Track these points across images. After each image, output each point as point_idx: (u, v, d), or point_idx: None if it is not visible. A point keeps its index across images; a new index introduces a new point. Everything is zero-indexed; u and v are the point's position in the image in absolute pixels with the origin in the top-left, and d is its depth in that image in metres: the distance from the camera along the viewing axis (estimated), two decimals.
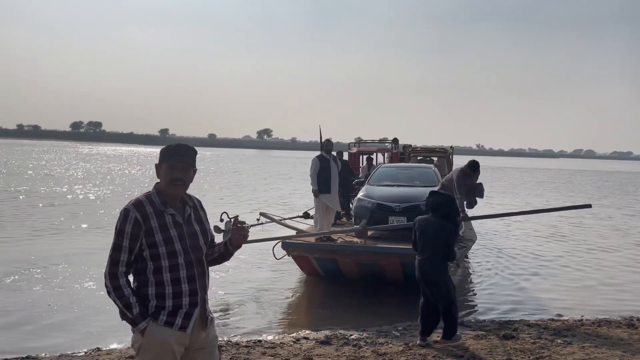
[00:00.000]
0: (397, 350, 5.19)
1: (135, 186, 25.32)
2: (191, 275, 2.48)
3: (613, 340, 5.63)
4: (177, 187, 2.49)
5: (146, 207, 2.45)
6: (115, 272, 2.45)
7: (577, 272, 10.09)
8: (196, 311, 2.49)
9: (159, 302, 2.45)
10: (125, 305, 2.44)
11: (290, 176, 38.10)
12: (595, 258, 11.48)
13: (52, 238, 11.60)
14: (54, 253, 9.99)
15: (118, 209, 2.75)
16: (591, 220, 17.64)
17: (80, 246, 10.82)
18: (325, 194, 8.59)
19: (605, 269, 10.42)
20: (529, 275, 9.57)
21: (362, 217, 8.64)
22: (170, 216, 2.48)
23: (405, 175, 10.11)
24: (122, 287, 2.45)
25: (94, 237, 11.81)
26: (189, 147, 2.56)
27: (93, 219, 14.50)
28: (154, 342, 2.44)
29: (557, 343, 5.45)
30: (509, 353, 5.10)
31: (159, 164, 2.53)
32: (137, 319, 2.43)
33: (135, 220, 2.42)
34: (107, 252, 2.49)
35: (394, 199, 8.63)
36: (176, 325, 2.45)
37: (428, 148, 15.10)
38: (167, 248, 2.44)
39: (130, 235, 2.42)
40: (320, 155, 8.80)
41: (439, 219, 5.25)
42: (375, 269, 7.97)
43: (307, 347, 5.28)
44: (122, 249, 2.44)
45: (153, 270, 2.45)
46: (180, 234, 2.48)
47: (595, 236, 14.58)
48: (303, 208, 13.60)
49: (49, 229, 12.68)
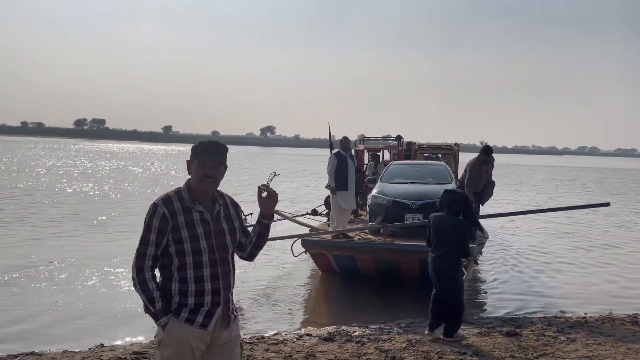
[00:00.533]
0: (400, 347, 5.19)
1: None
2: (214, 273, 2.48)
3: (617, 337, 5.61)
4: (208, 184, 2.49)
5: (174, 203, 2.47)
6: (141, 266, 2.47)
7: (582, 269, 10.09)
8: (218, 310, 2.49)
9: (182, 299, 2.46)
10: (148, 300, 2.45)
11: (296, 172, 38.11)
12: (601, 255, 11.46)
13: (62, 238, 11.63)
14: (63, 251, 10.02)
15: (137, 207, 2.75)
16: (595, 217, 17.56)
17: (90, 246, 10.85)
18: (342, 191, 8.59)
19: (611, 266, 10.40)
20: (534, 272, 9.56)
21: (378, 215, 8.66)
22: (198, 213, 2.48)
23: (417, 172, 10.11)
24: (146, 280, 2.46)
25: (107, 237, 11.84)
26: (220, 144, 2.56)
27: (106, 218, 14.53)
28: (174, 338, 2.46)
29: (561, 340, 5.44)
30: (512, 350, 5.09)
31: (190, 161, 2.53)
32: (159, 313, 2.44)
33: (162, 216, 2.44)
34: (123, 250, 2.52)
35: (409, 196, 8.65)
36: (197, 323, 2.45)
37: (434, 145, 15.06)
38: (192, 245, 2.44)
39: (157, 229, 2.44)
40: (337, 152, 8.80)
41: (454, 216, 5.30)
42: (393, 266, 7.98)
43: (310, 344, 5.29)
44: (149, 242, 2.46)
45: (177, 266, 2.46)
46: (207, 231, 2.48)
47: (600, 233, 14.54)
48: (309, 205, 13.61)
49: (54, 228, 12.71)
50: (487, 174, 8.35)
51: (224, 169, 2.56)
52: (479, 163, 8.29)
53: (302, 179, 31.76)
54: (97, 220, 13.92)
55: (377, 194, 8.97)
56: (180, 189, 2.54)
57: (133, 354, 4.86)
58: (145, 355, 4.86)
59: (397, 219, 8.26)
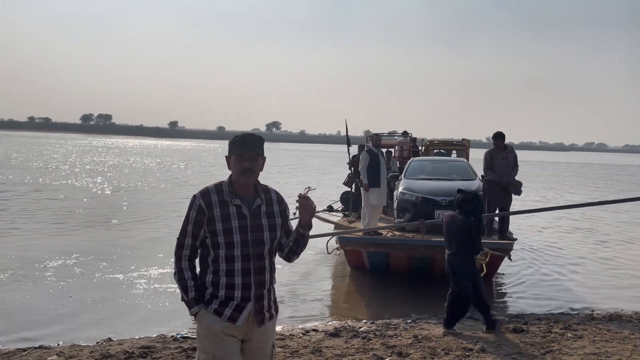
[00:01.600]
0: (407, 342, 5.19)
1: None
2: (246, 269, 2.48)
3: (624, 334, 5.59)
4: (247, 176, 2.50)
5: (211, 196, 2.50)
6: (179, 255, 2.53)
7: (593, 265, 10.05)
8: (249, 305, 2.49)
9: (214, 291, 2.49)
10: (182, 288, 2.51)
11: (297, 168, 38.11)
12: (612, 251, 11.43)
13: (76, 231, 11.70)
14: (78, 246, 10.08)
15: None
16: (604, 213, 17.39)
17: (107, 238, 10.91)
18: (375, 188, 8.59)
19: (621, 261, 10.37)
20: (545, 269, 9.50)
21: (406, 211, 8.71)
22: (235, 207, 2.49)
23: (440, 169, 10.12)
24: (183, 269, 2.52)
25: (121, 230, 11.89)
26: (255, 136, 2.56)
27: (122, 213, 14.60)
28: (203, 328, 2.51)
29: (568, 337, 5.42)
30: (519, 346, 5.08)
31: (229, 156, 2.56)
32: (191, 303, 2.50)
33: (199, 207, 2.48)
34: (139, 245, 2.53)
35: (438, 193, 8.67)
36: (225, 315, 2.47)
37: (446, 141, 15.02)
38: (225, 238, 2.46)
39: (194, 220, 2.49)
40: (369, 149, 8.81)
41: (463, 214, 5.49)
42: (425, 263, 8.00)
43: (317, 339, 5.30)
44: (186, 233, 2.52)
45: (212, 258, 2.50)
46: (243, 226, 2.48)
47: (611, 229, 14.46)
48: (319, 200, 13.56)
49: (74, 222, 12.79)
50: (506, 160, 8.14)
51: (262, 161, 2.57)
52: (492, 152, 8.21)
53: (307, 174, 31.70)
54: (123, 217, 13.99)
55: (405, 191, 8.97)
56: (223, 182, 2.57)
57: (140, 348, 4.89)
58: (152, 349, 4.89)
59: (426, 215, 8.23)
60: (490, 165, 8.17)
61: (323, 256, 9.30)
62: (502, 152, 8.17)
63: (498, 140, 8.25)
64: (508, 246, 7.76)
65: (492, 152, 8.21)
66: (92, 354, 4.75)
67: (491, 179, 8.14)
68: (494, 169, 8.13)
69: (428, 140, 14.31)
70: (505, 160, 8.12)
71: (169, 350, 4.88)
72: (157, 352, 4.82)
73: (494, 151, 8.22)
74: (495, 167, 8.13)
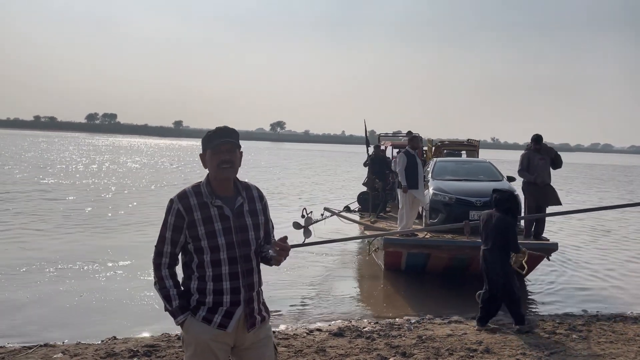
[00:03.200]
0: (411, 342, 5.19)
1: None
2: (234, 272, 2.35)
3: (629, 336, 5.56)
4: (226, 170, 2.35)
5: (190, 199, 2.35)
6: (159, 263, 2.40)
7: (600, 265, 10.01)
8: (239, 310, 2.36)
9: (200, 297, 2.36)
10: (165, 297, 2.38)
11: (311, 167, 38.13)
12: (621, 251, 11.39)
13: (90, 233, 11.74)
14: (84, 247, 10.13)
15: None
16: (619, 215, 17.24)
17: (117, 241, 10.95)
18: (413, 189, 8.61)
19: (631, 263, 10.36)
20: (556, 269, 9.46)
21: (440, 212, 8.75)
22: (216, 208, 2.35)
23: (466, 169, 10.15)
24: (163, 278, 2.39)
25: (132, 232, 11.94)
26: (229, 127, 2.42)
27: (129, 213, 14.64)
28: (192, 337, 2.38)
29: (572, 338, 5.40)
30: (524, 347, 5.07)
31: (203, 153, 2.41)
32: (176, 312, 2.37)
33: (177, 212, 2.34)
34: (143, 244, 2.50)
35: (473, 194, 8.72)
36: (214, 322, 2.34)
37: (456, 142, 15.04)
38: (209, 242, 2.32)
39: (173, 227, 2.35)
40: (406, 150, 8.83)
41: (501, 213, 5.63)
42: (464, 263, 8.01)
43: (321, 339, 5.30)
44: (165, 240, 2.38)
45: (197, 264, 2.36)
46: (226, 227, 2.34)
47: (622, 230, 14.39)
48: (328, 200, 13.56)
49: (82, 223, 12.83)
50: (544, 161, 8.21)
51: (239, 153, 2.42)
52: (530, 154, 8.28)
53: (323, 174, 31.66)
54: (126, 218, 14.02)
55: (437, 191, 8.98)
56: (201, 183, 2.41)
57: (145, 347, 4.91)
58: (157, 347, 4.91)
59: (461, 216, 8.25)
60: (526, 167, 8.23)
61: (345, 257, 9.50)
62: (539, 154, 8.26)
63: (536, 143, 8.30)
64: (552, 247, 7.83)
65: (530, 154, 8.28)
66: (97, 352, 4.77)
67: (527, 180, 8.22)
68: (529, 171, 8.19)
69: (439, 141, 14.31)
70: (543, 162, 8.20)
71: (174, 349, 4.90)
72: (162, 351, 4.83)
73: (531, 153, 8.28)
74: (532, 168, 8.20)
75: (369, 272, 9.09)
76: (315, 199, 18.37)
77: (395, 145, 14.38)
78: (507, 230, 5.55)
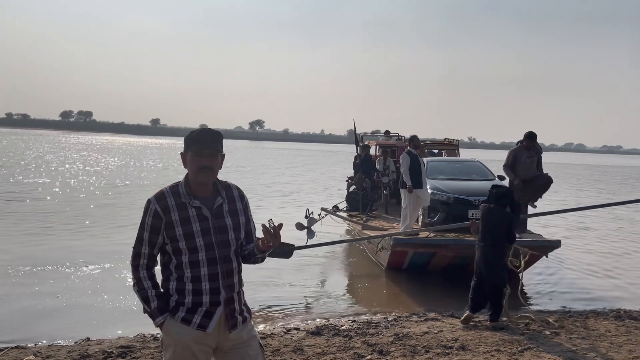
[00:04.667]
0: (387, 340, 5.22)
1: None
2: (213, 273, 2.33)
3: (600, 331, 5.69)
4: (206, 175, 2.32)
5: (167, 199, 2.32)
6: (136, 265, 2.38)
7: (579, 263, 10.19)
8: (219, 310, 2.34)
9: (179, 298, 2.34)
10: (143, 299, 2.36)
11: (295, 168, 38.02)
12: (602, 249, 11.61)
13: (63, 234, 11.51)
14: (56, 249, 9.92)
15: None
16: (601, 213, 17.42)
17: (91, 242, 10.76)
18: (418, 189, 8.67)
19: (609, 258, 10.59)
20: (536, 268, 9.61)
21: (438, 211, 8.84)
22: (194, 209, 2.32)
23: (457, 169, 10.30)
24: (141, 279, 2.36)
25: (105, 234, 11.76)
26: (214, 131, 2.38)
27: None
28: (171, 338, 2.35)
29: (545, 334, 5.51)
30: (498, 344, 5.15)
31: (184, 153, 2.37)
32: (155, 313, 2.34)
33: (155, 213, 2.31)
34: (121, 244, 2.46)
35: (471, 193, 8.83)
36: (194, 323, 2.32)
37: (437, 141, 15.21)
38: (187, 243, 2.30)
39: (150, 227, 2.33)
40: (409, 150, 8.87)
41: (502, 208, 5.83)
42: (466, 261, 7.97)
43: (298, 338, 5.30)
44: (142, 241, 2.36)
45: (175, 265, 2.34)
46: (205, 228, 2.32)
47: (596, 231, 14.68)
48: (312, 199, 13.53)
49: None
50: (530, 159, 8.17)
51: (221, 158, 2.39)
52: (521, 151, 8.19)
53: (295, 174, 31.59)
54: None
55: (435, 190, 9.05)
56: (179, 183, 2.39)
57: (120, 348, 4.84)
58: (132, 349, 4.85)
59: (460, 215, 8.33)
60: (511, 164, 8.21)
61: (336, 257, 9.54)
62: (527, 152, 8.23)
63: (530, 140, 8.20)
64: (555, 244, 7.99)
65: (517, 151, 8.26)
66: (70, 354, 4.68)
67: (508, 177, 8.23)
68: (517, 168, 8.19)
69: (421, 141, 14.45)
70: (530, 160, 8.24)
71: (149, 349, 4.84)
72: (137, 352, 4.77)
73: (519, 150, 8.25)
74: (518, 165, 8.18)
75: (359, 271, 9.18)
76: (303, 200, 18.40)
77: (380, 145, 14.49)
78: (511, 224, 5.80)
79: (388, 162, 12.43)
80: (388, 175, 12.00)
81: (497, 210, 5.82)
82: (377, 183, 11.91)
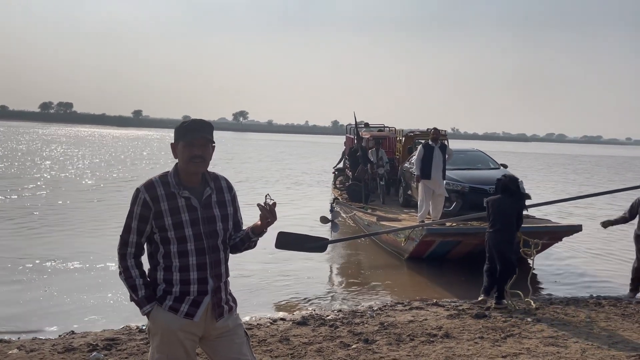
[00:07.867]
0: (373, 329, 5.28)
1: None
2: (202, 262, 2.35)
3: (580, 318, 5.82)
4: (197, 165, 2.34)
5: (157, 189, 2.33)
6: (124, 253, 2.38)
7: (590, 249, 10.33)
8: (206, 299, 2.37)
9: (167, 287, 2.36)
10: (130, 287, 2.37)
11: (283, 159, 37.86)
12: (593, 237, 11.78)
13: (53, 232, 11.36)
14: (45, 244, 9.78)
15: None
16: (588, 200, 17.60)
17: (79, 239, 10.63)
18: (426, 179, 8.94)
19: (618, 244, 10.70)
20: None
21: (454, 201, 9.07)
22: (184, 199, 2.34)
23: (462, 159, 10.45)
24: (129, 268, 2.37)
25: (89, 227, 11.62)
26: (205, 121, 2.39)
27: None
28: (159, 326, 2.37)
29: (527, 321, 5.61)
30: (481, 331, 5.24)
31: (175, 143, 2.38)
32: (142, 302, 2.36)
33: (144, 202, 2.32)
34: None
35: (484, 182, 9.12)
36: (181, 312, 2.34)
37: (426, 132, 15.29)
38: (176, 233, 2.32)
39: (139, 216, 2.33)
40: (426, 143, 9.29)
41: (510, 197, 6.22)
42: (484, 249, 8.14)
43: (284, 328, 5.33)
44: (130, 229, 2.36)
45: (163, 254, 2.36)
46: (194, 218, 2.34)
47: (589, 214, 14.84)
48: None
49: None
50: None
51: (212, 148, 2.41)
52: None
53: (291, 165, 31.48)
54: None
55: (450, 181, 9.23)
56: (168, 172, 2.40)
57: (105, 340, 4.81)
58: (117, 341, 4.82)
59: (477, 204, 8.47)
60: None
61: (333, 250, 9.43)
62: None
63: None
64: (577, 228, 8.22)
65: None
66: (54, 347, 4.65)
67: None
68: None
69: (410, 131, 14.61)
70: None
71: (135, 341, 4.82)
72: (123, 344, 4.75)
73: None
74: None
75: (377, 261, 9.13)
76: (302, 192, 18.40)
77: (377, 137, 14.55)
78: (520, 211, 6.29)
79: (380, 153, 12.57)
80: (383, 166, 12.20)
81: (506, 199, 6.20)
82: (373, 174, 12.02)
